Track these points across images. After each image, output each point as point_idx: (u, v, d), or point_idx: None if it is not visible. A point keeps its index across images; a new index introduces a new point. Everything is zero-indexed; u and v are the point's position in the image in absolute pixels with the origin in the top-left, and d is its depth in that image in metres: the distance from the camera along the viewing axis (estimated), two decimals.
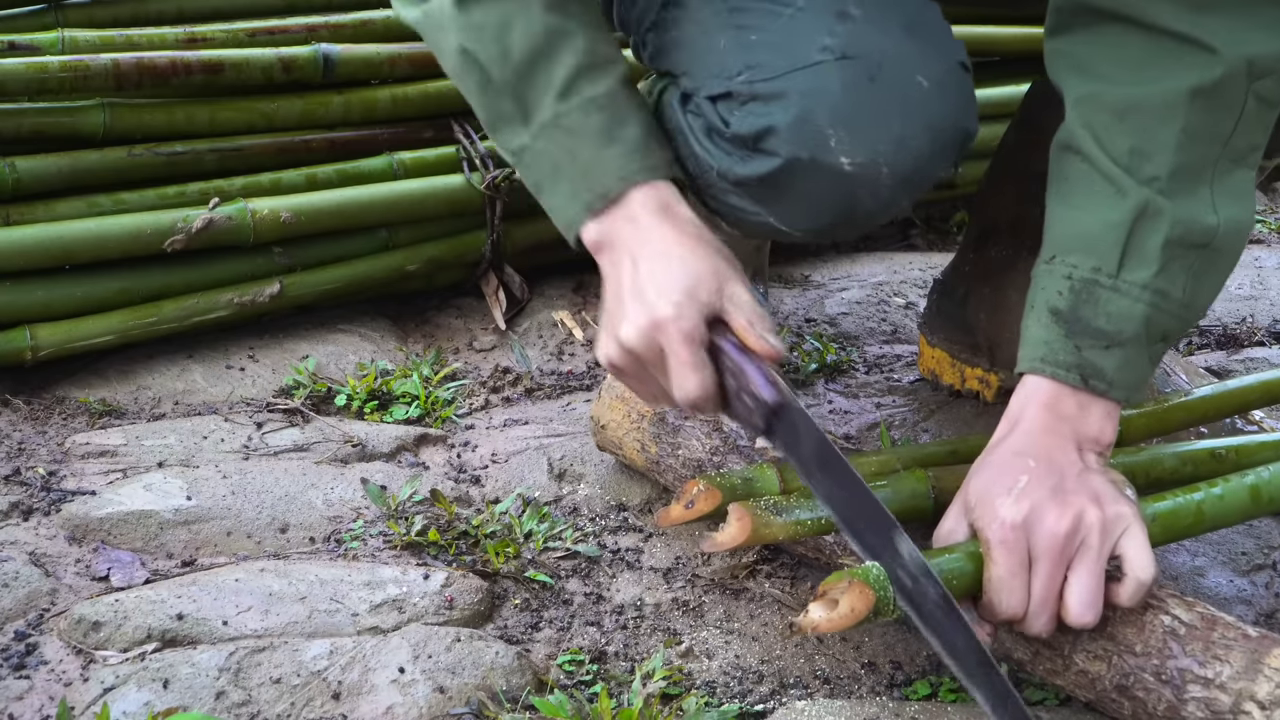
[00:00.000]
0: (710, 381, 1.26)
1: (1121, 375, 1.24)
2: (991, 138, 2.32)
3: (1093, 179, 1.25)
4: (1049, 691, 1.32)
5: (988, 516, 1.20)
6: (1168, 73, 1.22)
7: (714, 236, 1.30)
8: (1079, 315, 1.23)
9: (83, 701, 1.26)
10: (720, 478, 1.33)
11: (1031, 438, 1.24)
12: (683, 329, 1.24)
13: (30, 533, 1.52)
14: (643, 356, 1.27)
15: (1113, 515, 1.18)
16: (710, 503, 1.31)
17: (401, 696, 1.28)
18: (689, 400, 1.26)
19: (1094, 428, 1.24)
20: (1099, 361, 1.23)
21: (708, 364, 1.26)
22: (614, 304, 1.29)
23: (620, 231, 1.29)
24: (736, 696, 1.32)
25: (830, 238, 1.48)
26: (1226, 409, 1.58)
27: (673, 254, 1.27)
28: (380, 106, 2.08)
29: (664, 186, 1.29)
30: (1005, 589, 1.18)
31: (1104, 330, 1.23)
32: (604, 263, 1.31)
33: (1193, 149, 1.22)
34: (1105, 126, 1.25)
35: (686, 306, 1.24)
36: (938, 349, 1.89)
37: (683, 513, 1.32)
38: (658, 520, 1.35)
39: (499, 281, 2.09)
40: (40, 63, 1.86)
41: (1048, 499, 1.18)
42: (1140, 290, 1.22)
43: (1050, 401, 1.24)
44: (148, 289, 1.87)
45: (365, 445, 1.71)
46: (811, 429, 1.24)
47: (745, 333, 1.26)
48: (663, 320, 1.24)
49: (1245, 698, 1.12)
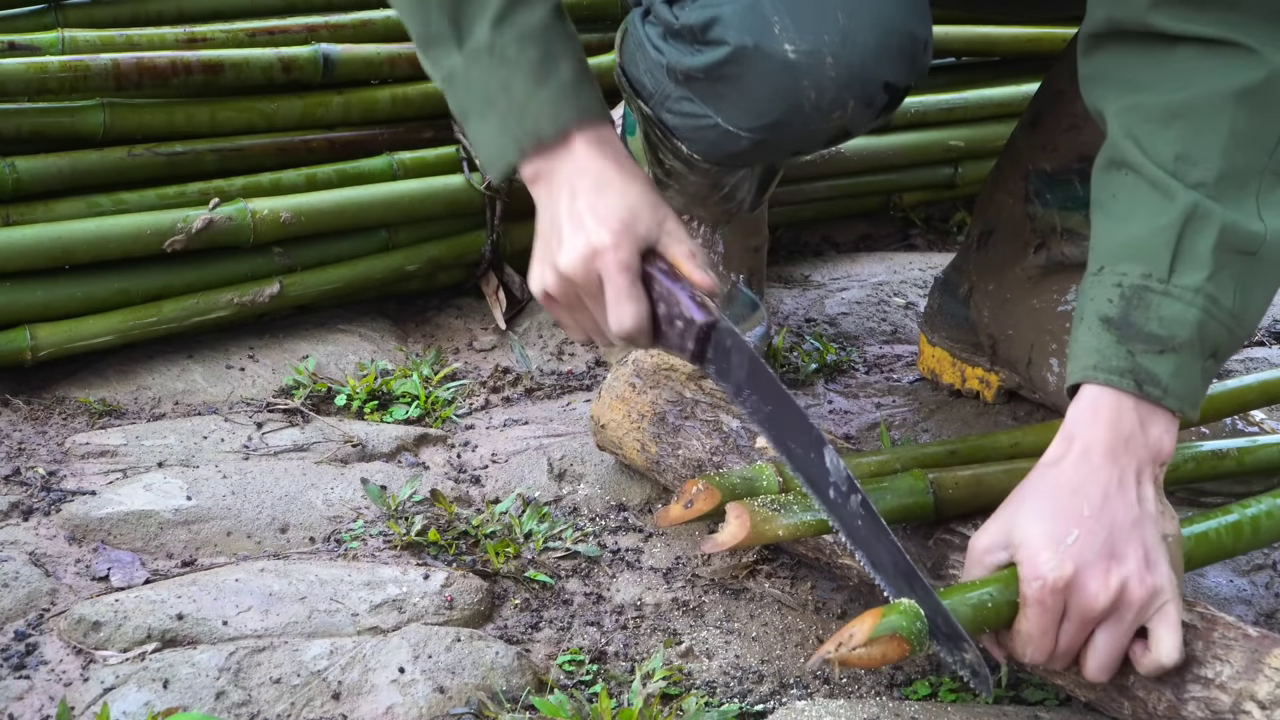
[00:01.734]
0: (644, 312, 1.29)
1: (1176, 383, 1.19)
2: (992, 137, 2.34)
3: (1139, 188, 1.22)
4: (1049, 691, 1.32)
5: (1030, 567, 1.17)
6: (1211, 76, 1.21)
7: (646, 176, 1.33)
8: (1130, 321, 1.20)
9: (83, 701, 1.26)
10: (719, 477, 1.33)
11: (1090, 468, 1.19)
12: (620, 259, 1.27)
13: (30, 533, 1.52)
14: (579, 285, 1.29)
15: (1153, 589, 1.16)
16: (709, 502, 1.31)
17: (401, 696, 1.28)
18: (623, 330, 1.29)
19: (1154, 443, 1.20)
20: (1153, 367, 1.19)
21: (643, 295, 1.29)
22: (550, 233, 1.31)
23: (559, 165, 1.31)
24: (736, 696, 1.32)
25: (779, 149, 1.48)
26: (1226, 409, 1.58)
27: (612, 184, 1.29)
28: (380, 106, 2.07)
29: (600, 123, 1.31)
30: (1033, 645, 1.17)
31: (1157, 335, 1.19)
32: (539, 193, 1.33)
33: (1239, 154, 1.20)
34: (1150, 135, 1.22)
35: (624, 236, 1.27)
36: (938, 348, 1.89)
37: (682, 512, 1.32)
38: (657, 520, 1.35)
39: (499, 281, 2.09)
40: (40, 63, 1.86)
41: (1095, 562, 1.15)
42: (1193, 294, 1.19)
43: (1111, 419, 1.19)
44: (148, 289, 1.87)
45: (365, 445, 1.71)
46: (742, 347, 1.26)
47: (684, 262, 1.29)
48: (602, 249, 1.27)
49: (1245, 697, 1.12)
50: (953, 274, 1.86)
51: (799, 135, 1.41)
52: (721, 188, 1.70)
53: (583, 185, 1.29)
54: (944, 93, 2.37)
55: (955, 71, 2.48)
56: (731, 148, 1.42)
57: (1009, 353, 1.79)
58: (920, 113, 2.35)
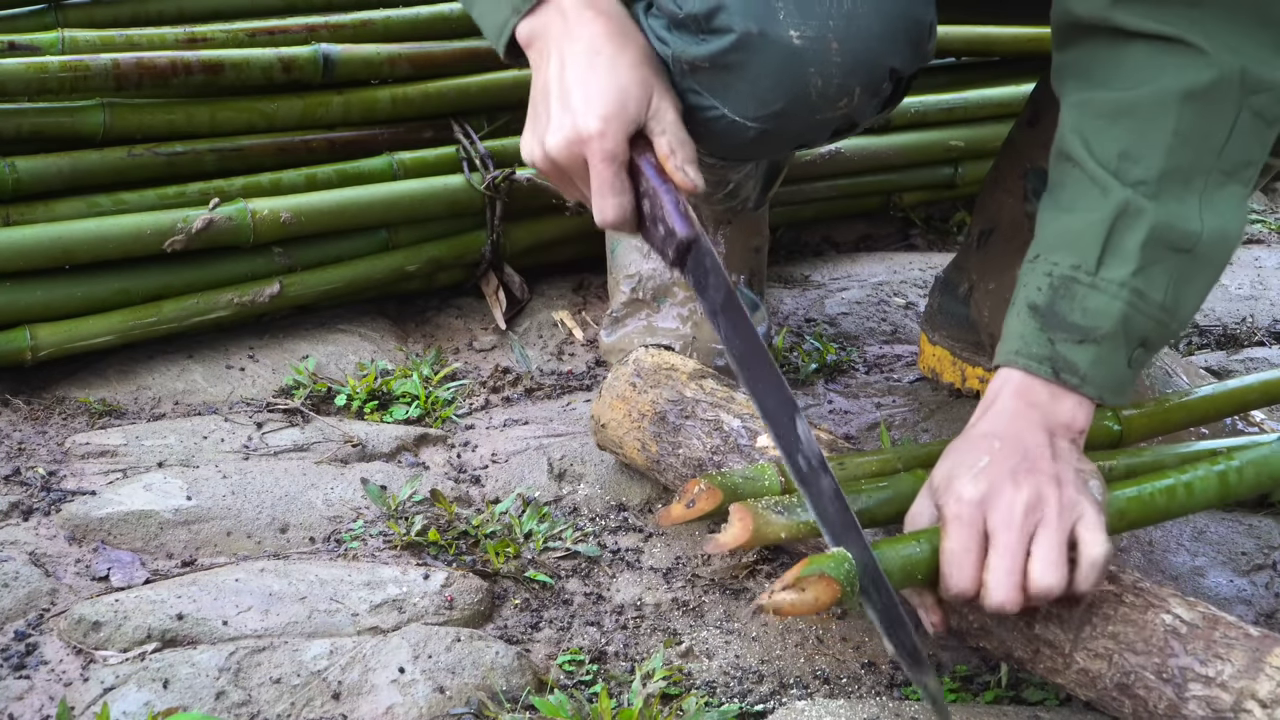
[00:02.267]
0: (628, 205, 1.29)
1: (1095, 372, 1.24)
2: (992, 137, 2.34)
3: (1081, 181, 1.26)
4: (1049, 691, 1.32)
5: (947, 494, 1.21)
6: (1160, 75, 1.24)
7: (643, 37, 1.33)
8: (1055, 310, 1.24)
9: (83, 701, 1.25)
10: (721, 477, 1.33)
11: (1001, 420, 1.24)
12: (606, 148, 1.26)
13: (30, 533, 1.52)
14: (566, 167, 1.30)
15: (1070, 499, 1.19)
16: (711, 502, 1.31)
17: (401, 696, 1.28)
18: (606, 221, 1.30)
19: (1065, 415, 1.24)
20: (1072, 355, 1.24)
21: (627, 187, 1.29)
22: (540, 103, 1.31)
23: (550, 25, 1.30)
24: (736, 696, 1.32)
25: (785, 140, 1.48)
26: (1226, 409, 1.58)
27: (602, 53, 1.28)
28: (380, 106, 2.07)
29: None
30: (955, 563, 1.18)
31: (1079, 325, 1.23)
32: (533, 57, 1.33)
33: (1183, 153, 1.23)
34: (1097, 131, 1.26)
35: (612, 123, 1.26)
36: (939, 346, 1.89)
37: (684, 512, 1.32)
38: (658, 520, 1.35)
39: (499, 281, 2.09)
40: (40, 63, 1.86)
41: (1006, 477, 1.19)
42: (1118, 288, 1.23)
43: (1021, 390, 1.25)
44: (148, 289, 1.87)
45: (365, 445, 1.71)
46: (720, 274, 1.26)
47: (666, 159, 1.28)
48: (588, 135, 1.26)
49: (1247, 696, 1.12)
50: (953, 273, 1.86)
51: (805, 124, 1.41)
52: (727, 184, 1.70)
53: (572, 52, 1.28)
54: (944, 93, 2.38)
55: (955, 71, 2.48)
56: (738, 140, 1.42)
57: None
58: (920, 113, 2.35)
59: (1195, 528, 1.60)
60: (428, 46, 2.10)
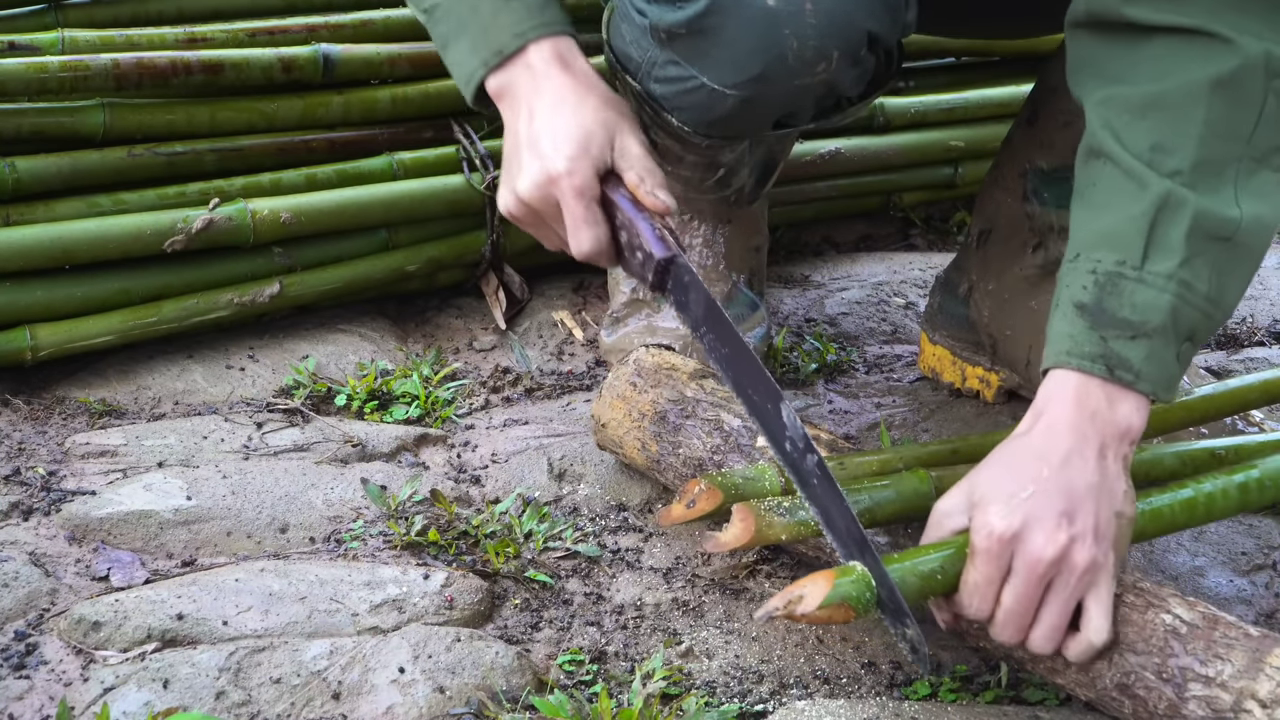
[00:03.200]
0: (603, 236, 1.33)
1: (1149, 367, 1.22)
2: (992, 137, 2.34)
3: (1115, 177, 1.25)
4: (1049, 691, 1.32)
5: (981, 519, 1.19)
6: (1186, 66, 1.23)
7: (607, 87, 1.38)
8: (1104, 307, 1.22)
9: (83, 701, 1.25)
10: (721, 477, 1.33)
11: (1054, 437, 1.21)
12: (575, 184, 1.32)
13: (30, 533, 1.52)
14: (539, 210, 1.35)
15: (1094, 558, 1.17)
16: (711, 502, 1.31)
17: (401, 696, 1.28)
18: (583, 253, 1.34)
19: (1122, 420, 1.22)
20: (1125, 352, 1.21)
21: (600, 219, 1.33)
22: (512, 155, 1.37)
23: (518, 80, 1.37)
24: (736, 696, 1.32)
25: (767, 109, 1.48)
26: (1226, 409, 1.58)
27: (567, 103, 1.34)
28: (380, 106, 2.07)
29: (561, 40, 1.37)
30: (976, 595, 1.19)
31: (1129, 320, 1.21)
32: (504, 111, 1.39)
33: (1214, 143, 1.22)
34: (1126, 125, 1.25)
35: (579, 161, 1.32)
36: (939, 346, 1.89)
37: (684, 512, 1.32)
38: (659, 520, 1.35)
39: (499, 281, 2.09)
40: (40, 63, 1.86)
41: (1045, 518, 1.17)
42: (1165, 280, 1.21)
43: (1078, 396, 1.22)
44: (148, 289, 1.87)
45: (365, 445, 1.71)
46: (700, 288, 1.29)
47: (636, 188, 1.33)
48: (556, 175, 1.32)
49: (1246, 696, 1.12)
50: (953, 273, 1.86)
51: (785, 91, 1.41)
52: (717, 168, 1.69)
53: (540, 105, 1.34)
54: (944, 93, 2.37)
55: (955, 71, 2.47)
56: (719, 110, 1.43)
57: (1009, 352, 1.79)
58: (920, 113, 2.34)
59: (1195, 528, 1.60)
60: (428, 46, 2.10)
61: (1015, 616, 1.18)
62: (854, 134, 2.30)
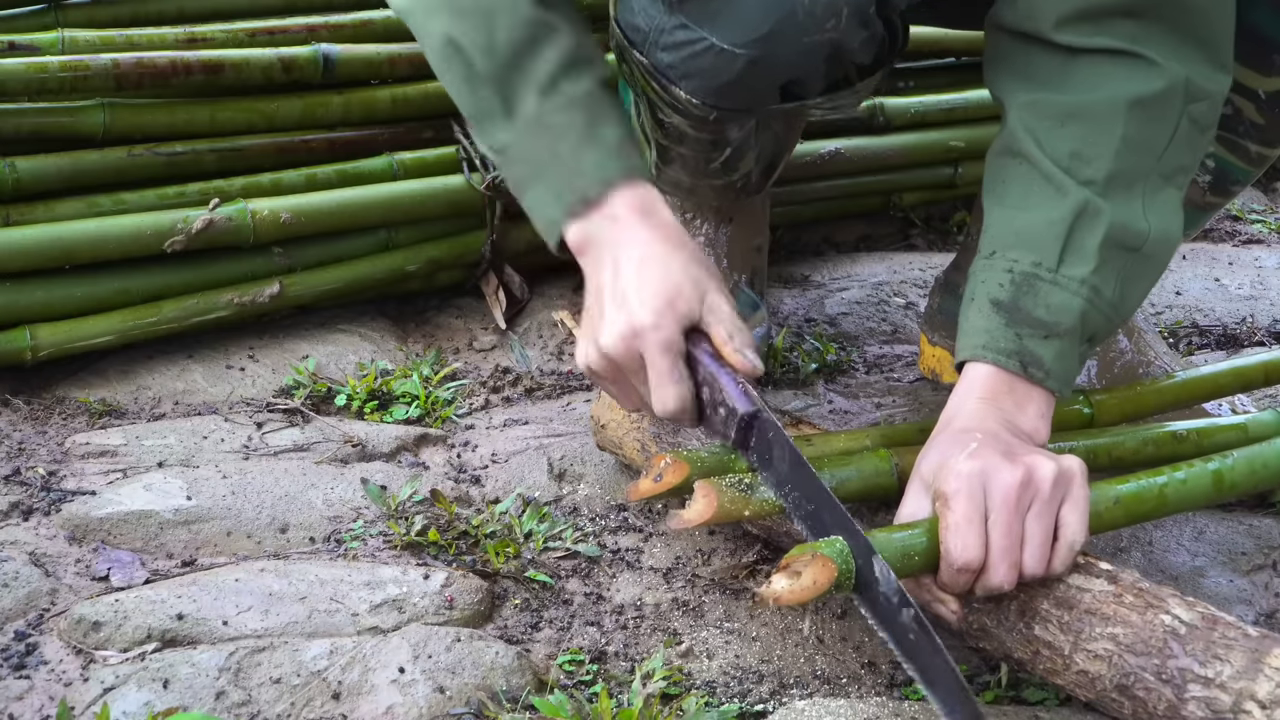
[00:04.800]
0: (688, 394, 1.28)
1: (1058, 366, 1.28)
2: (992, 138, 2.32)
3: (1033, 179, 1.31)
4: (1049, 691, 1.32)
5: (945, 474, 1.21)
6: (1110, 83, 1.29)
7: (694, 243, 1.33)
8: (1019, 305, 1.28)
9: (83, 701, 1.26)
10: (689, 453, 1.34)
11: (974, 421, 1.26)
12: (662, 339, 1.26)
13: (30, 533, 1.52)
14: (622, 364, 1.29)
15: (1060, 468, 1.21)
16: (678, 475, 1.31)
17: (401, 696, 1.28)
18: (666, 412, 1.28)
19: (1029, 423, 1.28)
20: (1038, 350, 1.27)
21: (685, 376, 1.28)
22: (595, 308, 1.31)
23: (602, 231, 1.30)
24: (736, 696, 1.32)
25: (777, 70, 1.47)
26: (1199, 394, 1.60)
27: (654, 257, 1.28)
28: (380, 106, 2.07)
29: (645, 188, 1.32)
30: (961, 534, 1.18)
31: (1043, 320, 1.27)
32: (586, 264, 1.32)
33: (1129, 157, 1.29)
34: (1047, 131, 1.31)
35: (666, 316, 1.26)
36: (938, 347, 1.89)
37: (651, 486, 1.33)
38: (627, 494, 1.36)
39: (499, 281, 2.09)
40: (40, 63, 1.86)
41: (1000, 457, 1.21)
42: (1078, 285, 1.28)
43: (988, 394, 1.28)
44: (148, 289, 1.87)
45: (365, 445, 1.71)
46: (784, 442, 1.25)
47: (724, 345, 1.28)
48: (642, 329, 1.26)
49: (1246, 697, 1.12)
50: (953, 273, 1.87)
51: (793, 50, 1.41)
52: (724, 147, 1.67)
53: (626, 257, 1.28)
54: (944, 93, 2.38)
55: (955, 71, 2.47)
56: (727, 74, 1.43)
57: None
58: (920, 113, 2.35)
59: (1195, 528, 1.60)
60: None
61: (1006, 551, 1.19)
62: (854, 134, 2.30)
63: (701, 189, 1.79)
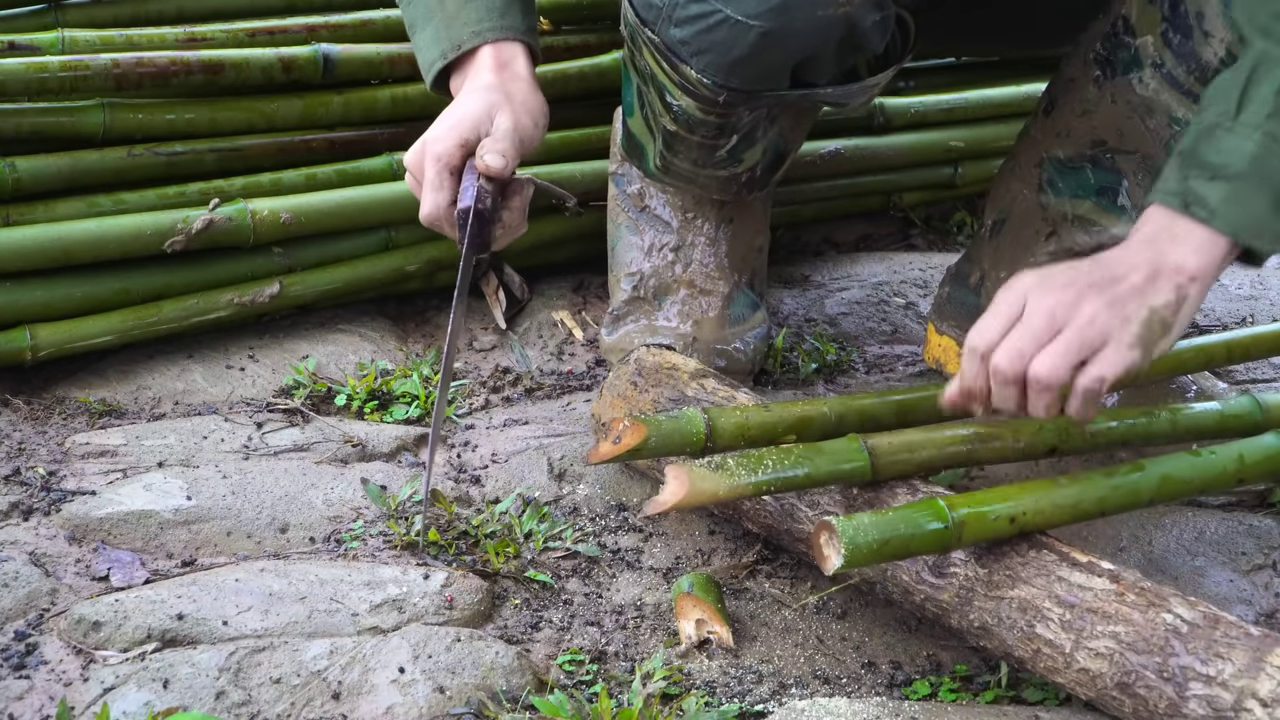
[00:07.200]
0: (443, 201, 1.47)
1: (1226, 208, 1.28)
2: (992, 137, 2.35)
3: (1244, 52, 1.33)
4: (1049, 691, 1.32)
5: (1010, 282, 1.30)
6: None
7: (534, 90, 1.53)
8: (1196, 152, 1.30)
9: (83, 701, 1.25)
10: (647, 417, 1.36)
11: (1110, 254, 1.31)
12: (435, 151, 1.47)
13: (30, 533, 1.52)
14: (413, 171, 1.51)
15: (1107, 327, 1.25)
16: (636, 437, 1.34)
17: (401, 696, 1.28)
18: (424, 215, 1.49)
19: (1180, 256, 1.29)
20: (1202, 190, 1.29)
21: (446, 186, 1.47)
22: None
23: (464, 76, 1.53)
24: (736, 696, 1.32)
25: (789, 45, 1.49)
26: (1191, 364, 1.63)
27: (476, 90, 1.50)
28: (380, 106, 2.07)
29: (511, 46, 1.52)
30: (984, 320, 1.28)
31: (1211, 163, 1.29)
32: None
33: None
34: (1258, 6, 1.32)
35: (449, 133, 1.46)
36: (946, 336, 1.89)
37: (611, 449, 1.36)
38: (588, 458, 1.40)
39: (499, 281, 2.09)
40: (40, 63, 1.86)
41: (1069, 283, 1.26)
42: (1251, 130, 1.28)
43: (1148, 231, 1.30)
44: (148, 289, 1.87)
45: (365, 445, 1.71)
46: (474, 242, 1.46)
47: (478, 150, 1.46)
48: (427, 141, 1.48)
49: (1247, 695, 1.12)
50: (964, 264, 1.87)
51: (806, 22, 1.44)
52: (731, 133, 1.67)
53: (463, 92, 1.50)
54: (944, 93, 2.37)
55: (955, 71, 2.47)
56: (739, 49, 1.46)
57: None
58: (920, 113, 2.34)
59: (1195, 527, 1.60)
60: None
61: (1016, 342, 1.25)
62: (854, 134, 2.30)
63: (705, 179, 1.78)
